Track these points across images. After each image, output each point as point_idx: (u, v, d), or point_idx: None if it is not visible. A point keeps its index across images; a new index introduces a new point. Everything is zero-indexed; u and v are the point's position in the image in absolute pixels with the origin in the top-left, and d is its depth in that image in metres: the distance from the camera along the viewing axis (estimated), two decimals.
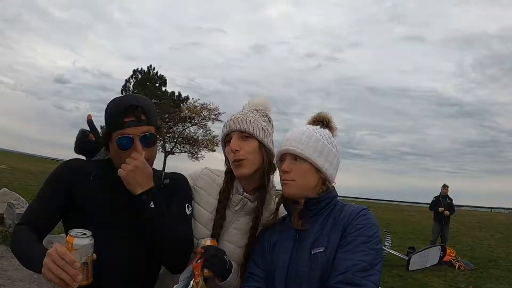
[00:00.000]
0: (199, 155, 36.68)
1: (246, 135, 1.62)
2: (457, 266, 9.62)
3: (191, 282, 1.38)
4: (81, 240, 1.26)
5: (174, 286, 1.37)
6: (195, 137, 36.04)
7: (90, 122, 1.75)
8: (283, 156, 1.54)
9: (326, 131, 1.57)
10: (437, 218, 11.13)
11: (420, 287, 7.71)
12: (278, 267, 1.47)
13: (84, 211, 1.50)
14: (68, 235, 1.27)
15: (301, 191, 1.49)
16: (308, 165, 1.49)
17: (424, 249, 9.57)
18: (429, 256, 9.38)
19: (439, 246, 9.89)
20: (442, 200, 11.08)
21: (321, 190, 1.52)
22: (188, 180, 1.74)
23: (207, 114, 35.35)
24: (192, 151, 36.90)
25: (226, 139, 1.67)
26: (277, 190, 1.75)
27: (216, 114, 35.50)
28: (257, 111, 1.71)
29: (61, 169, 1.59)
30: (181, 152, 37.76)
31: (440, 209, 10.89)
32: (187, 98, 37.14)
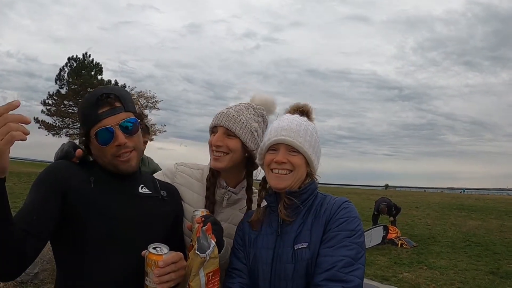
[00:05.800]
0: None
1: (230, 133, 1.64)
2: (399, 244, 10.01)
3: (210, 242, 1.38)
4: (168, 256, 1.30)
5: (196, 252, 1.35)
6: None
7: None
8: (277, 146, 1.48)
9: (313, 123, 1.57)
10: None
11: (367, 265, 7.64)
12: (262, 263, 1.45)
13: (86, 225, 1.32)
14: (153, 254, 1.29)
15: (294, 183, 1.46)
16: (302, 158, 1.46)
17: (367, 230, 9.81)
18: (372, 236, 9.79)
19: (382, 226, 10.30)
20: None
21: (303, 183, 1.49)
22: (165, 178, 1.74)
23: (144, 103, 34.53)
24: None
25: (213, 130, 1.69)
26: (256, 180, 1.78)
27: (154, 102, 34.95)
28: (253, 109, 1.72)
29: (55, 171, 1.37)
30: None
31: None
32: (124, 86, 35.56)
